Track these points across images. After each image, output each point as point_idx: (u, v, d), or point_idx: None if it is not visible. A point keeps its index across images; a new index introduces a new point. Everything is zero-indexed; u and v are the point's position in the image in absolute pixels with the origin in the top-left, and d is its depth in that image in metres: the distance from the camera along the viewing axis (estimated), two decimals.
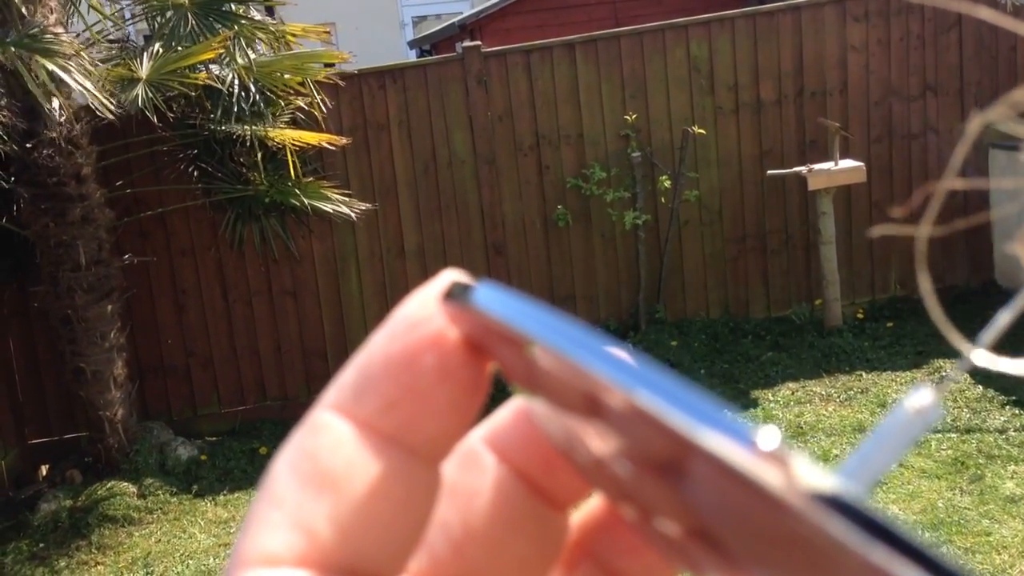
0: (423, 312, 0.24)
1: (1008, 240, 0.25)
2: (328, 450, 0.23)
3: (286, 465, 0.23)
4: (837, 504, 0.17)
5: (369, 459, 0.23)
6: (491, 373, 0.25)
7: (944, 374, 4.91)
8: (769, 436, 0.18)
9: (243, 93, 4.89)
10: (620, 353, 0.21)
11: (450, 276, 0.24)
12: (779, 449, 0.18)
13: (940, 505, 3.90)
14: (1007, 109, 0.26)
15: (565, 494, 0.27)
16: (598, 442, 0.23)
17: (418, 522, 0.24)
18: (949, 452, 4.30)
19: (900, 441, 0.21)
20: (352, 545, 0.22)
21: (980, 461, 4.19)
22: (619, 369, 0.20)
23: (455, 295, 0.24)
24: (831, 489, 0.18)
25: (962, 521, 3.76)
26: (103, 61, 4.90)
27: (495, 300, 0.22)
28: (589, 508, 0.28)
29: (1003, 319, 0.22)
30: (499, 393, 0.24)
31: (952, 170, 0.28)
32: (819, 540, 0.18)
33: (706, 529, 0.21)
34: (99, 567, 4.29)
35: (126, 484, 4.82)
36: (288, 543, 0.22)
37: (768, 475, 0.18)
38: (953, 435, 4.44)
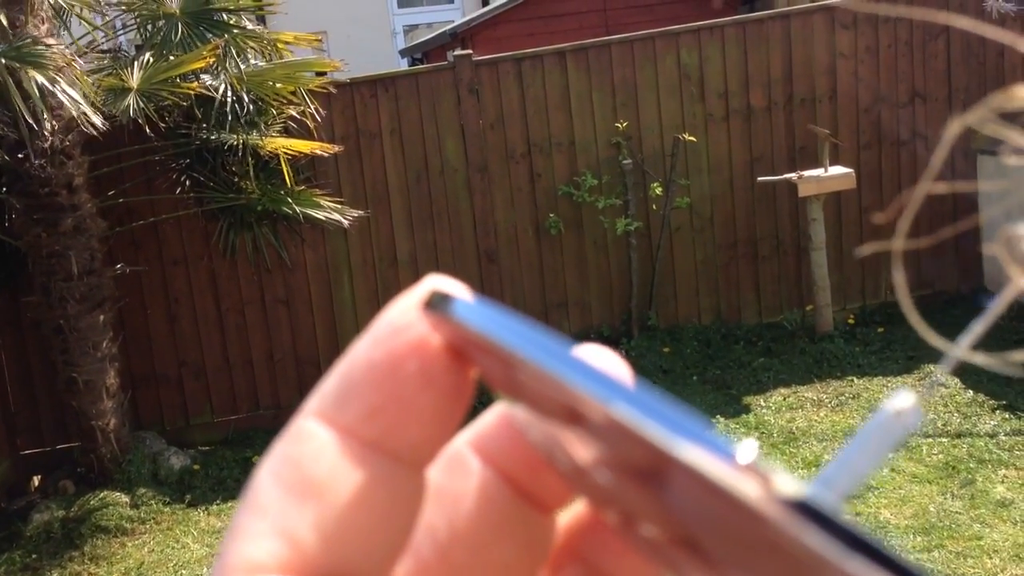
0: (405, 318, 0.24)
1: (991, 242, 0.26)
2: (311, 458, 0.23)
3: (269, 474, 0.23)
4: (813, 515, 0.18)
5: (352, 466, 0.23)
6: (475, 379, 0.25)
7: (933, 378, 4.93)
8: (746, 448, 0.18)
9: (235, 102, 4.89)
10: (601, 362, 0.21)
11: (433, 282, 0.24)
12: (756, 461, 0.18)
13: (931, 510, 3.91)
14: (986, 113, 0.26)
15: (551, 497, 0.27)
16: (579, 450, 0.23)
17: (402, 528, 0.24)
18: (940, 457, 4.32)
19: (881, 445, 0.21)
20: (336, 552, 0.22)
21: (971, 465, 4.21)
22: (597, 382, 0.20)
23: (434, 305, 0.24)
24: (807, 500, 0.18)
25: (953, 525, 3.78)
26: (95, 71, 4.90)
27: (473, 312, 0.22)
28: (575, 511, 0.28)
29: (980, 325, 0.23)
30: (485, 397, 0.24)
31: (931, 176, 0.29)
32: (796, 551, 0.18)
33: (688, 535, 0.21)
34: None
35: (119, 494, 4.80)
36: (272, 551, 0.22)
37: (745, 487, 0.18)
38: (944, 440, 4.46)
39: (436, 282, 0.24)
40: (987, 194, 4.21)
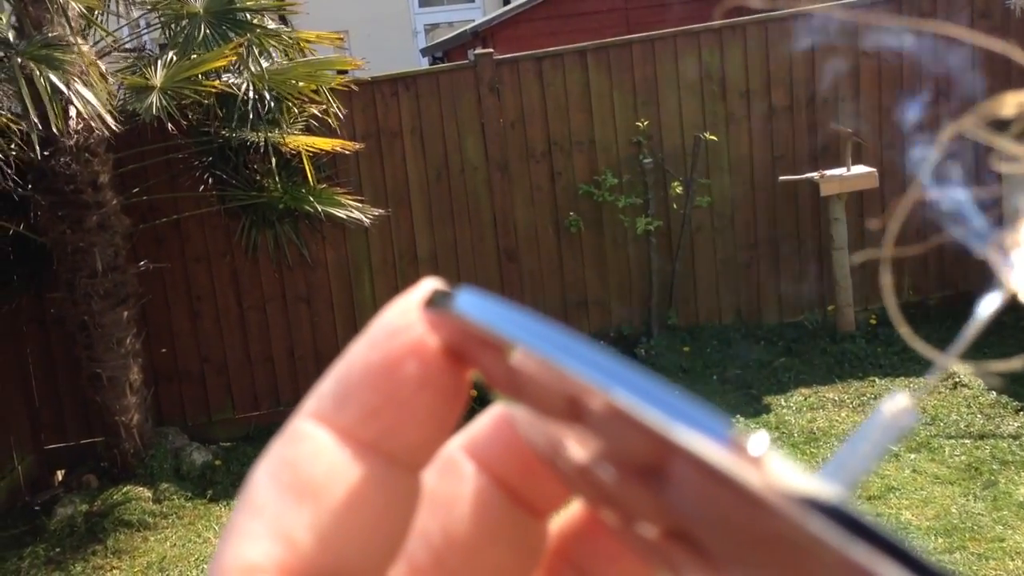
0: (403, 320, 0.24)
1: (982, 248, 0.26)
2: (308, 459, 0.23)
3: (266, 474, 0.23)
4: (816, 502, 0.17)
5: (349, 467, 0.23)
6: (471, 380, 0.25)
7: (957, 380, 4.90)
8: (746, 434, 0.18)
9: (257, 100, 4.92)
10: (601, 354, 0.21)
11: (429, 284, 0.25)
12: (757, 447, 0.18)
13: (954, 511, 3.89)
14: (979, 120, 0.27)
15: (544, 502, 0.27)
16: (579, 448, 0.23)
17: (399, 530, 0.24)
18: (963, 458, 4.29)
19: (876, 445, 0.21)
20: (333, 554, 0.22)
21: (994, 467, 4.18)
22: (598, 370, 0.20)
23: (436, 302, 0.24)
24: (810, 488, 0.18)
25: (975, 527, 3.75)
26: (120, 70, 4.94)
27: (476, 306, 0.22)
28: (568, 515, 0.28)
29: (970, 332, 0.23)
30: (481, 399, 0.25)
31: (924, 181, 0.29)
32: (798, 538, 0.18)
33: (686, 531, 0.21)
34: (114, 571, 4.32)
35: (141, 489, 4.85)
36: (268, 552, 0.22)
37: (747, 473, 0.18)
38: (967, 441, 4.42)
39: (433, 283, 0.25)
40: (1007, 191, 4.18)
